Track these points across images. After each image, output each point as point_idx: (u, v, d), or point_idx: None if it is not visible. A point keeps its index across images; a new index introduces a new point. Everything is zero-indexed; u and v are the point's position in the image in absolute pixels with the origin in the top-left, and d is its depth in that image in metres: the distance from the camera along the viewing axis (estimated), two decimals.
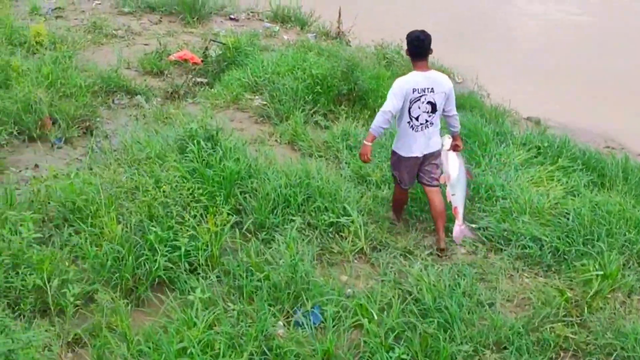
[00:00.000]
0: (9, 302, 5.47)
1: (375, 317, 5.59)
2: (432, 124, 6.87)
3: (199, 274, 6.04)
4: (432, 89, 6.73)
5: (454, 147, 7.20)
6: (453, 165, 7.18)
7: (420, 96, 6.71)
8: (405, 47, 6.92)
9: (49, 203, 6.82)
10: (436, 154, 7.08)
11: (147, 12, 14.19)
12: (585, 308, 5.96)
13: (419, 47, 6.74)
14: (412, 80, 6.72)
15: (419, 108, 6.75)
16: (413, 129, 6.83)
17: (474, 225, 7.27)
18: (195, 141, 7.41)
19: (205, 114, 7.87)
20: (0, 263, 5.63)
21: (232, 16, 14.43)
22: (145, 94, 10.15)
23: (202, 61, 11.32)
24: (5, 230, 5.99)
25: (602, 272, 6.22)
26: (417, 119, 6.79)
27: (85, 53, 11.38)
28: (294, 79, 9.80)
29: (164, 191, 6.53)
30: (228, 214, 6.48)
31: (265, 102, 9.68)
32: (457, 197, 7.18)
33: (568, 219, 7.09)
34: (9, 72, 9.53)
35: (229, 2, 14.91)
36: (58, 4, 14.25)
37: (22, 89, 8.94)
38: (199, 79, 10.86)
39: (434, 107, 6.78)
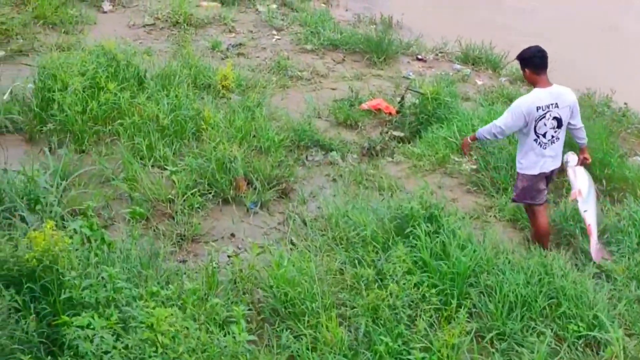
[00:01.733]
0: None
1: None
2: (558, 139, 6.87)
3: None
4: (557, 104, 6.73)
5: (582, 161, 7.19)
6: (582, 180, 7.07)
7: (545, 113, 6.70)
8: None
9: (254, 285, 6.16)
10: (557, 171, 7.12)
11: (329, 50, 13.36)
12: None
13: (543, 57, 6.73)
14: (535, 98, 6.73)
15: (545, 125, 6.75)
16: (541, 146, 6.82)
17: None
18: (416, 223, 6.54)
19: (426, 190, 6.93)
20: None
21: (419, 56, 13.44)
22: (340, 150, 9.26)
23: (397, 112, 10.38)
24: (216, 329, 5.31)
25: None
26: (544, 135, 6.79)
27: (273, 98, 10.67)
28: (509, 142, 8.68)
29: (390, 289, 5.68)
30: (467, 320, 5.56)
31: (475, 167, 8.66)
32: (590, 214, 6.99)
33: None
34: (199, 123, 8.96)
35: (414, 41, 13.94)
36: (238, 40, 13.77)
37: (215, 144, 8.33)
38: (394, 133, 9.89)
39: (559, 122, 6.79)
